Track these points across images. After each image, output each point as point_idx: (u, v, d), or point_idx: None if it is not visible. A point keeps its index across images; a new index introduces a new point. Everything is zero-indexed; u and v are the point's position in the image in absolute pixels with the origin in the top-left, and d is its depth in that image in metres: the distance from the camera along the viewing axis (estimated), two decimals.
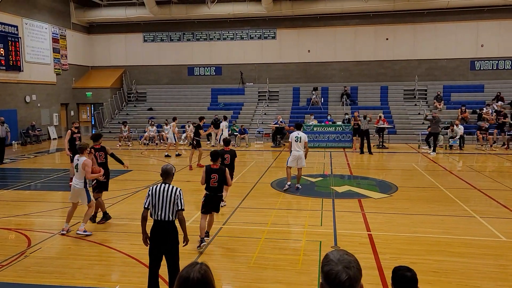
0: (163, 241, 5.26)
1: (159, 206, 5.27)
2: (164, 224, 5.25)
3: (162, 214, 5.26)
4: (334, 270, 1.90)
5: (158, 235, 5.26)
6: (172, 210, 5.28)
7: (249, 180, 13.32)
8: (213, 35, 29.81)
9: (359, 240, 7.64)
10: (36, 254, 7.11)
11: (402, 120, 24.71)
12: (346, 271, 1.89)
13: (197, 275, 2.19)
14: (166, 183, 5.45)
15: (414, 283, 3.17)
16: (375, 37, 27.81)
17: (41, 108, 25.89)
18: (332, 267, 1.91)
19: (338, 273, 1.89)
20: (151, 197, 5.32)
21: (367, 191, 11.59)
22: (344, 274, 1.88)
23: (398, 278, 3.20)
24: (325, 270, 1.93)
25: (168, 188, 5.36)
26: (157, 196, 5.29)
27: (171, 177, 5.57)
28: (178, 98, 29.54)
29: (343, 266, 1.91)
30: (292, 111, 26.65)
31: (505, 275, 6.13)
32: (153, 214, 5.32)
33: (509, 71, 26.57)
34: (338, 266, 1.91)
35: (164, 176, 5.54)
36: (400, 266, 3.30)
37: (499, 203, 10.12)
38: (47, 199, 11.48)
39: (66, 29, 28.38)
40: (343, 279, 1.87)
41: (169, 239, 5.26)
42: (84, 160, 8.12)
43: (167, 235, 5.25)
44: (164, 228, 5.25)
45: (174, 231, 5.30)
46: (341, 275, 1.88)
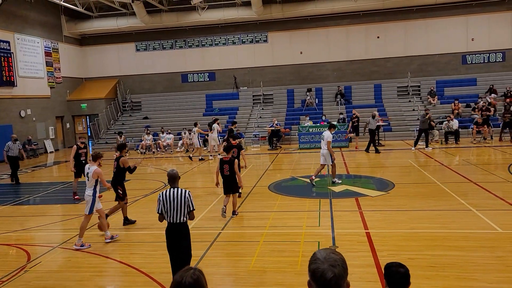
0: (178, 240, 5.67)
1: (172, 210, 5.58)
2: (178, 225, 5.62)
3: (175, 218, 5.59)
4: (320, 268, 1.94)
5: (173, 235, 5.67)
6: (184, 212, 5.62)
7: (247, 183, 13.34)
8: (205, 41, 29.91)
9: (357, 239, 7.69)
10: (36, 269, 7.14)
11: (397, 117, 24.81)
12: (332, 269, 1.93)
13: (189, 279, 2.24)
14: (175, 187, 5.72)
15: (407, 278, 3.20)
16: (367, 36, 27.97)
17: (36, 122, 25.90)
18: (318, 265, 1.95)
19: (324, 271, 1.93)
20: (162, 203, 5.62)
21: (364, 189, 11.65)
22: (330, 272, 1.92)
23: (391, 274, 3.22)
24: (312, 268, 1.97)
25: (178, 192, 5.63)
26: (169, 201, 5.59)
27: (178, 180, 5.85)
28: (173, 106, 29.60)
29: (329, 265, 1.95)
30: (287, 113, 26.74)
31: (502, 267, 6.19)
32: (166, 218, 5.65)
33: (500, 63, 26.76)
34: (324, 264, 1.95)
35: (172, 181, 5.80)
36: (393, 262, 3.33)
37: (495, 196, 10.19)
38: (46, 213, 11.49)
39: (58, 42, 28.44)
40: (329, 277, 1.91)
41: (179, 239, 5.66)
42: (95, 169, 8.15)
43: (180, 235, 5.65)
44: (178, 229, 5.63)
45: (187, 231, 5.72)
46: (327, 273, 1.92)
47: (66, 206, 11.86)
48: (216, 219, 9.54)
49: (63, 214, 11.18)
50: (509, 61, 26.59)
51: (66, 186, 15.03)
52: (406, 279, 3.18)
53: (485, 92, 24.88)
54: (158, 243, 8.03)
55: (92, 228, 9.06)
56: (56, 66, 28.12)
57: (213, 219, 9.57)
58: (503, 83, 25.41)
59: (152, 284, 6.26)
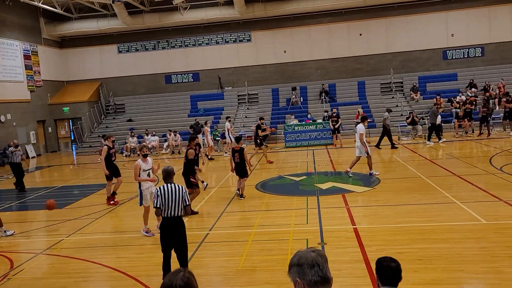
0: (174, 234, 5.86)
1: (169, 204, 5.80)
2: (174, 219, 5.85)
3: (172, 212, 5.82)
4: (303, 254, 2.13)
5: (168, 230, 5.86)
6: (181, 207, 5.88)
7: (234, 184, 13.30)
8: (188, 41, 29.74)
9: (345, 235, 7.71)
10: (19, 276, 6.97)
11: (380, 113, 24.98)
12: (312, 250, 2.15)
13: (179, 282, 2.19)
14: (171, 183, 5.96)
15: (398, 273, 3.19)
16: (349, 33, 28.16)
17: (17, 127, 25.41)
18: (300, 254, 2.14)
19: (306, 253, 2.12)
20: (161, 197, 5.82)
21: (350, 185, 11.71)
22: (312, 253, 2.12)
23: (383, 269, 3.20)
24: (295, 260, 2.12)
25: (175, 187, 5.91)
26: (167, 195, 5.81)
27: (173, 176, 6.11)
28: (157, 107, 29.34)
29: (307, 250, 2.17)
30: (272, 112, 26.76)
31: (487, 257, 6.27)
32: (162, 212, 5.85)
33: (479, 58, 27.23)
34: (303, 251, 2.16)
35: (168, 177, 6.05)
36: (384, 257, 3.31)
37: (478, 188, 10.34)
38: (29, 219, 11.27)
39: (37, 45, 27.94)
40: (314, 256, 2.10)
41: (178, 232, 5.88)
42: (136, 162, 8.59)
43: (176, 229, 5.87)
44: (174, 223, 5.86)
45: (182, 225, 5.96)
46: (310, 254, 2.12)
47: (50, 212, 11.62)
48: (204, 220, 9.48)
49: (46, 220, 10.95)
50: (488, 56, 27.07)
51: (49, 192, 14.77)
52: (398, 273, 3.17)
53: (465, 87, 25.27)
54: (145, 246, 7.94)
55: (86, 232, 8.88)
56: (36, 70, 27.62)
57: (200, 220, 9.51)
58: (483, 77, 25.85)
59: (139, 287, 6.17)
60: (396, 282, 3.15)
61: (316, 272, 2.05)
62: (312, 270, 2.05)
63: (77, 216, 10.73)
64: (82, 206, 11.95)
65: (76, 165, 22.37)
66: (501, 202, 9.01)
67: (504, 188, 10.15)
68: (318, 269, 2.06)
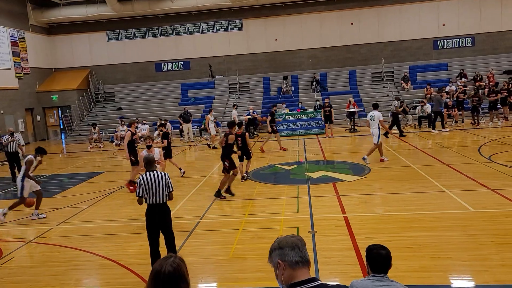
0: (159, 221, 5.95)
1: (154, 192, 5.85)
2: (159, 206, 5.92)
3: (157, 199, 5.88)
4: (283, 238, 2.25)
5: (154, 216, 5.94)
6: (165, 193, 5.93)
7: None
8: (178, 29, 29.42)
9: (335, 223, 7.76)
10: (8, 264, 6.92)
11: (371, 103, 25.02)
12: (293, 235, 2.28)
13: (169, 268, 2.17)
14: (153, 171, 5.98)
15: (389, 260, 3.22)
16: (340, 22, 28.06)
17: (4, 114, 25.04)
18: (280, 239, 2.27)
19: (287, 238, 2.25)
20: (144, 186, 5.83)
21: (341, 174, 11.77)
22: (292, 237, 2.26)
23: (373, 256, 3.23)
24: (275, 244, 2.25)
25: (158, 175, 5.93)
26: (150, 183, 5.83)
27: (154, 164, 6.15)
28: (147, 96, 29.09)
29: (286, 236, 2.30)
30: (263, 101, 26.68)
31: (475, 245, 6.36)
32: (147, 200, 5.90)
33: (470, 48, 27.36)
34: (284, 237, 2.29)
35: (149, 165, 6.05)
36: (374, 244, 3.34)
37: (467, 176, 10.45)
38: (18, 208, 11.14)
39: (24, 31, 27.44)
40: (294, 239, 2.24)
41: (164, 218, 5.98)
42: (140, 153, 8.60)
43: (162, 216, 5.96)
44: (159, 209, 5.93)
45: (168, 211, 6.04)
46: (290, 238, 2.25)
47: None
48: (195, 208, 9.48)
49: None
50: (478, 46, 27.21)
51: (39, 180, 14.60)
52: (388, 260, 3.20)
53: (455, 77, 25.41)
54: (135, 235, 7.92)
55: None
56: (24, 57, 27.17)
57: (191, 209, 9.50)
58: (473, 67, 25.99)
59: (129, 275, 6.17)
60: (386, 269, 3.18)
61: (297, 253, 2.18)
62: (293, 252, 2.17)
63: (66, 204, 10.67)
64: (71, 194, 11.86)
65: (65, 154, 22.17)
66: (489, 190, 9.12)
67: (492, 177, 10.27)
68: (298, 250, 2.18)
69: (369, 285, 3.06)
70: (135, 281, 5.97)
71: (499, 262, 5.73)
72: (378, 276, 3.12)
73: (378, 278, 3.10)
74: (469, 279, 5.48)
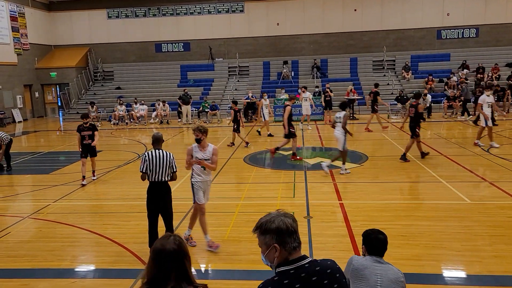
0: (160, 199, 6.01)
1: (157, 169, 5.91)
2: (161, 184, 5.98)
3: (159, 176, 5.94)
4: (281, 220, 2.14)
5: (155, 194, 6.00)
6: (168, 172, 5.99)
7: (222, 155, 13.27)
8: (179, 9, 29.07)
9: (331, 210, 7.81)
10: (6, 239, 6.96)
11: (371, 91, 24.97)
12: (286, 216, 2.17)
13: (173, 246, 2.19)
14: (159, 149, 6.03)
15: (386, 244, 3.32)
16: (344, 8, 27.78)
17: (3, 90, 24.87)
18: (277, 220, 2.14)
19: (284, 220, 2.14)
20: (148, 162, 5.90)
21: (338, 161, 11.76)
22: (287, 219, 2.16)
23: (371, 240, 3.33)
24: (274, 227, 2.13)
25: (162, 153, 5.99)
26: (154, 161, 5.90)
27: (161, 143, 6.16)
28: (146, 76, 28.89)
29: (282, 216, 2.18)
30: (263, 85, 26.54)
31: (469, 235, 6.42)
32: (150, 177, 5.96)
33: (474, 39, 27.18)
34: (279, 217, 2.16)
35: (156, 143, 6.08)
36: (372, 229, 3.43)
37: (464, 168, 10.49)
38: (15, 183, 11.18)
39: (24, 6, 27.06)
40: (291, 222, 2.15)
41: (164, 196, 6.03)
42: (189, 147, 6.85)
43: (162, 194, 6.02)
44: (160, 188, 5.99)
45: (168, 190, 6.10)
46: (287, 221, 2.14)
47: (36, 177, 11.55)
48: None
49: (33, 184, 10.88)
50: (482, 37, 27.03)
51: (36, 156, 14.63)
52: (386, 244, 3.31)
53: (458, 68, 25.30)
54: (131, 214, 7.96)
55: None
56: (23, 32, 26.84)
57: (188, 190, 9.49)
58: (476, 58, 25.85)
59: (125, 253, 6.22)
60: (383, 253, 3.28)
61: (295, 239, 2.14)
62: (291, 238, 2.13)
63: (63, 182, 10.67)
64: (68, 172, 11.87)
65: (62, 131, 22.11)
66: (486, 182, 9.18)
67: (490, 169, 10.33)
68: (295, 235, 2.14)
69: (368, 264, 3.16)
70: (130, 259, 6.01)
71: (492, 253, 5.79)
72: (375, 258, 3.20)
73: (376, 260, 3.20)
74: (461, 269, 5.54)
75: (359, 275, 3.13)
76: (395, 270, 3.16)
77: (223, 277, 5.60)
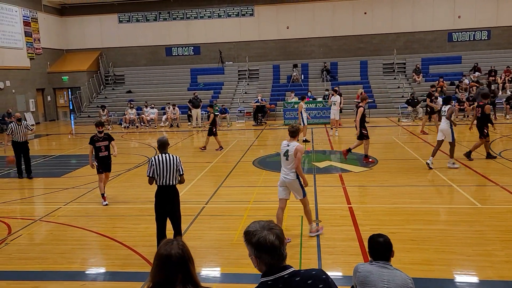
0: (168, 202, 6.01)
1: (164, 173, 5.91)
2: (168, 188, 5.98)
3: (166, 181, 5.94)
4: (262, 236, 2.09)
5: (163, 198, 6.01)
6: (175, 176, 6.00)
7: (231, 159, 13.34)
8: (190, 13, 29.27)
9: (340, 213, 7.77)
10: (17, 241, 7.05)
11: (382, 94, 24.90)
12: (272, 231, 2.11)
13: (177, 251, 2.21)
14: (166, 153, 6.02)
15: (385, 246, 3.27)
16: (353, 11, 27.72)
17: (16, 94, 25.25)
18: (259, 235, 2.09)
19: (266, 236, 2.09)
20: (155, 167, 5.91)
21: (347, 165, 11.74)
22: (271, 235, 2.09)
23: (371, 244, 3.33)
24: (254, 241, 2.10)
25: (169, 157, 5.97)
26: (161, 165, 5.90)
27: (167, 147, 6.15)
28: (157, 80, 29.12)
29: (266, 230, 2.11)
30: (272, 89, 26.58)
31: (480, 240, 6.34)
32: (157, 181, 5.97)
33: (485, 41, 26.90)
34: (263, 232, 2.10)
35: (162, 147, 6.09)
36: (373, 234, 3.41)
37: (475, 172, 10.38)
38: (27, 186, 11.31)
39: (37, 11, 27.47)
40: (273, 239, 2.08)
41: (172, 201, 6.04)
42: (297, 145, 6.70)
43: (170, 198, 6.02)
44: (168, 192, 6.00)
45: (176, 194, 6.10)
46: (269, 237, 2.08)
47: (48, 180, 11.69)
48: (200, 193, 9.53)
49: (45, 187, 11.02)
50: (494, 40, 26.75)
51: (48, 160, 14.80)
52: (385, 246, 3.26)
53: (469, 70, 25.06)
54: (141, 217, 8.00)
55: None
56: (36, 37, 27.25)
57: (197, 194, 9.55)
58: (488, 61, 25.59)
59: (134, 256, 6.26)
60: (385, 256, 3.23)
61: (273, 257, 2.10)
62: (270, 254, 2.09)
63: (74, 185, 10.79)
64: (79, 175, 11.99)
65: (74, 135, 22.35)
66: (497, 187, 9.06)
67: (502, 173, 10.19)
68: (275, 253, 2.09)
69: (373, 270, 3.12)
70: (139, 262, 6.05)
71: (504, 258, 5.71)
72: (382, 263, 3.17)
73: (382, 265, 3.15)
74: (472, 274, 5.47)
75: (366, 281, 3.10)
76: (403, 275, 3.12)
77: (230, 281, 5.60)
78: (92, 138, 9.00)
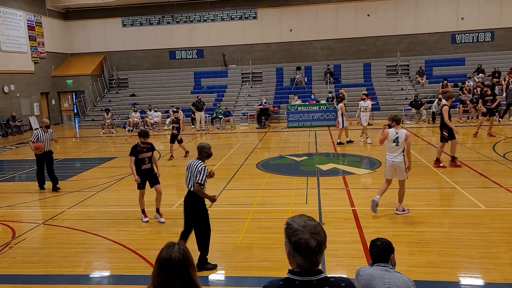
0: (188, 206, 6.02)
1: (187, 176, 6.05)
2: (189, 193, 6.03)
3: (188, 184, 6.04)
4: (303, 238, 1.98)
5: (185, 201, 6.08)
6: (192, 181, 5.94)
7: (235, 162, 13.35)
8: (193, 17, 29.37)
9: (344, 216, 7.76)
10: (21, 245, 7.08)
11: (385, 96, 24.86)
12: (314, 237, 1.99)
13: (178, 255, 2.22)
14: (197, 158, 6.11)
15: (382, 250, 3.29)
16: (356, 13, 27.72)
17: (20, 98, 25.39)
18: (300, 236, 1.99)
19: (307, 240, 1.98)
20: (187, 170, 6.08)
21: (351, 167, 11.72)
22: (313, 240, 1.98)
23: (370, 248, 3.39)
24: (294, 240, 2.00)
25: (195, 162, 6.04)
26: (188, 169, 6.07)
27: (202, 154, 6.14)
28: (160, 83, 29.21)
29: (310, 233, 2.00)
30: (276, 91, 26.60)
31: (484, 243, 6.31)
32: None
33: (489, 43, 26.83)
34: (306, 234, 1.99)
35: (197, 152, 6.18)
36: (374, 239, 3.44)
37: (480, 174, 10.33)
38: (31, 190, 11.34)
39: (41, 16, 27.65)
40: (313, 246, 1.98)
41: (191, 206, 5.98)
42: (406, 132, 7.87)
43: (189, 201, 6.01)
44: (189, 196, 6.02)
45: (193, 202, 5.98)
46: (310, 242, 1.98)
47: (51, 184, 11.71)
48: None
49: (49, 191, 11.05)
50: (497, 41, 26.67)
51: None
52: (383, 249, 3.27)
53: (473, 72, 24.98)
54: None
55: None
56: (40, 41, 27.42)
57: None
58: (491, 63, 25.51)
59: (138, 260, 6.27)
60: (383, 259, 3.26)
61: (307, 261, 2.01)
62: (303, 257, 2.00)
63: (78, 188, 10.82)
64: (84, 179, 12.03)
65: (78, 138, 22.44)
66: (501, 188, 9.01)
67: (506, 175, 10.14)
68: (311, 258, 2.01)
69: (375, 273, 3.13)
70: (143, 266, 6.06)
71: (508, 261, 5.68)
72: (383, 266, 3.18)
73: (384, 268, 3.16)
74: (477, 276, 5.45)
75: (367, 285, 3.11)
76: (404, 278, 3.13)
77: (234, 284, 5.61)
78: (135, 149, 7.92)
